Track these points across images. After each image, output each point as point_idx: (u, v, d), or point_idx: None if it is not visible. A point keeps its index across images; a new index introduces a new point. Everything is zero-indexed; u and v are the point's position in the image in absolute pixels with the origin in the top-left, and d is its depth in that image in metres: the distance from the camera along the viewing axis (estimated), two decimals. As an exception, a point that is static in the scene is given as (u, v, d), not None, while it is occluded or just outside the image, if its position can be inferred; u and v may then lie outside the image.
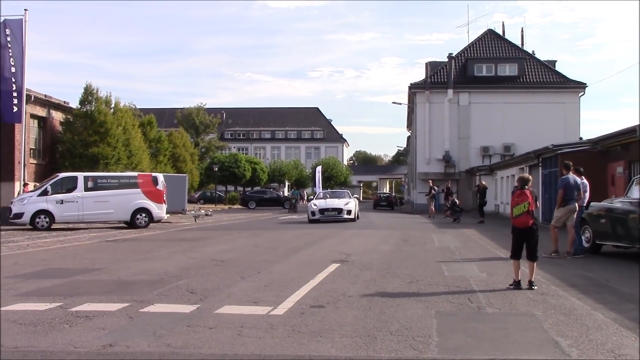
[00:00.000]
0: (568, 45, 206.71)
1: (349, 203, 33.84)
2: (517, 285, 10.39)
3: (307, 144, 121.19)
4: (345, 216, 32.78)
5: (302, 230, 26.62)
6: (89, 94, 41.43)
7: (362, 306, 8.74)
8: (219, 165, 70.43)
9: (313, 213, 33.16)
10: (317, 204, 34.04)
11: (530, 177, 10.98)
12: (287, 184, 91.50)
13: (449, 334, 7.13)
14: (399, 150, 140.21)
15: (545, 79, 56.46)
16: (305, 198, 78.66)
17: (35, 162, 37.97)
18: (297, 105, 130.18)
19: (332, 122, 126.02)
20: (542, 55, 67.07)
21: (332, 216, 32.77)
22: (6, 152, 35.15)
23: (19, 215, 27.23)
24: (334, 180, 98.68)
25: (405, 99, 69.84)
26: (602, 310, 8.62)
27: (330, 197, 36.33)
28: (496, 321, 7.86)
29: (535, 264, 10.55)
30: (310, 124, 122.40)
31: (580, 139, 43.86)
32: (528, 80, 56.38)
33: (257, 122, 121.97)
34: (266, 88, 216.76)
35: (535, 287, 10.31)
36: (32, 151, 37.65)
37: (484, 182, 35.40)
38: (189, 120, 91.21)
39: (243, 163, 75.06)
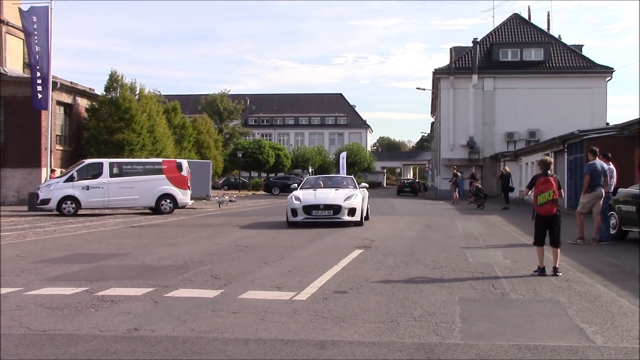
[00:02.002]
0: (596, 29, 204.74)
1: (353, 197, 20.88)
2: (541, 271, 10.33)
3: (331, 130, 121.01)
4: (346, 217, 20.42)
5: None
6: (114, 81, 41.70)
7: (386, 292, 8.74)
8: (243, 152, 70.55)
9: (294, 212, 20.55)
10: (302, 197, 20.95)
11: (552, 161, 10.84)
12: (310, 170, 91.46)
13: (473, 320, 7.11)
14: (423, 136, 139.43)
15: (571, 63, 55.88)
16: None
17: (61, 148, 38.29)
18: (321, 92, 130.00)
19: (355, 108, 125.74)
20: (568, 40, 66.80)
21: (325, 217, 20.45)
22: (33, 138, 35.47)
23: (46, 201, 27.48)
24: (357, 167, 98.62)
25: (429, 85, 69.54)
26: (628, 297, 8.55)
27: (323, 187, 22.99)
28: (520, 307, 7.83)
29: (559, 250, 10.48)
30: (334, 110, 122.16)
31: (607, 124, 43.50)
32: (554, 65, 55.83)
33: (281, 108, 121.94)
34: (290, 74, 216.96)
35: (560, 274, 10.25)
36: (58, 137, 37.97)
37: (507, 168, 35.18)
38: (213, 107, 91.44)
39: (267, 149, 75.13)
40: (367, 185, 24.93)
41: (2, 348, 5.86)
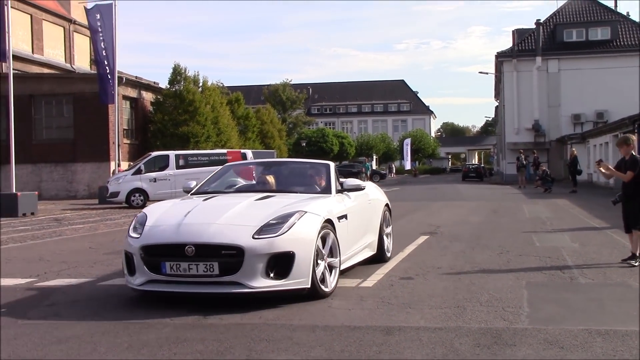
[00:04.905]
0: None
1: (294, 220, 7.31)
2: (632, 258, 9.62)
3: (394, 116, 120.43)
4: (261, 282, 6.97)
5: (392, 202, 26.52)
6: (177, 74, 42.30)
7: (452, 277, 8.72)
8: (307, 140, 70.81)
9: (129, 263, 7.55)
10: (156, 220, 7.69)
11: (633, 137, 10.08)
12: (374, 157, 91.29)
13: (540, 305, 7.04)
14: (487, 120, 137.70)
15: (640, 41, 54.31)
16: (370, 172, 62.74)
17: (128, 142, 39.08)
18: (382, 79, 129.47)
19: (418, 95, 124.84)
20: (637, 17, 64.55)
21: (198, 278, 7.01)
22: (101, 133, 36.29)
23: (115, 194, 28.12)
24: (421, 153, 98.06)
25: (492, 69, 68.53)
26: (703, 279, 8.34)
27: (252, 189, 9.23)
28: (589, 292, 7.72)
29: None
30: (396, 96, 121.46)
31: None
32: (622, 43, 54.34)
33: (344, 96, 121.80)
34: (352, 62, 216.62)
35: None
36: (125, 131, 38.75)
37: (574, 150, 34.46)
38: (276, 97, 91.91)
39: (330, 137, 75.28)
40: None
41: (79, 335, 6.05)
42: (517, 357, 5.10)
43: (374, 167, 77.31)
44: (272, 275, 7.04)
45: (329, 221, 7.76)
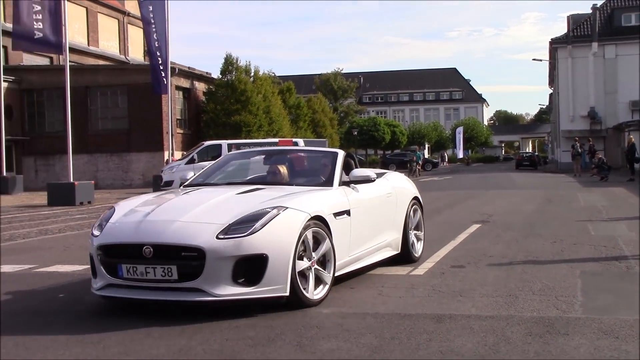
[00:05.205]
0: None
1: (265, 218, 6.22)
2: None
3: (446, 105, 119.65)
4: (228, 289, 5.99)
5: (444, 191, 26.43)
6: (229, 64, 42.66)
7: (504, 266, 8.63)
8: (358, 129, 70.72)
9: (92, 265, 6.69)
10: (119, 216, 6.82)
11: None
12: (427, 146, 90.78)
13: (595, 294, 6.93)
14: (541, 108, 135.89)
15: (702, 24, 52.76)
16: (422, 161, 58.67)
17: (181, 131, 39.59)
18: (434, 67, 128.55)
19: (470, 82, 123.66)
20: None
21: (157, 283, 6.09)
22: (155, 123, 36.80)
23: (169, 183, 28.43)
24: (474, 141, 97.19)
25: (546, 56, 67.45)
26: None
27: (221, 186, 7.86)
28: (646, 281, 7.56)
29: None
30: (448, 85, 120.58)
31: None
32: (682, 27, 52.90)
33: (395, 85, 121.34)
34: (403, 51, 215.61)
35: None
36: (178, 121, 39.26)
37: (632, 138, 33.74)
38: (327, 86, 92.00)
39: (382, 126, 75.08)
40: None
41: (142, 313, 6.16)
42: (570, 346, 5.03)
43: (426, 155, 76.82)
44: (240, 281, 6.04)
45: (318, 218, 6.66)
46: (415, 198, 9.36)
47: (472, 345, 5.09)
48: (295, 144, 30.10)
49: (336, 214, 7.06)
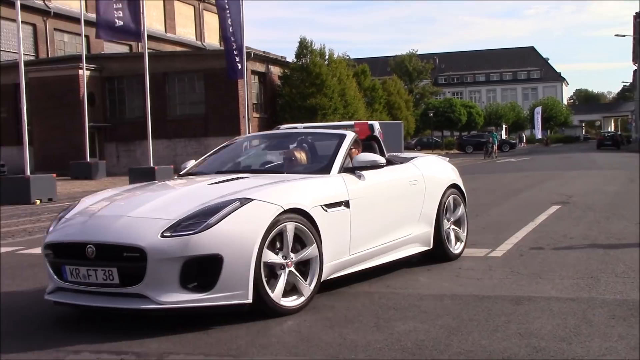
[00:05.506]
0: None
1: (225, 212, 5.28)
2: None
3: (524, 85, 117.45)
4: (175, 295, 5.08)
5: (522, 172, 26.03)
6: (304, 47, 42.83)
7: (585, 248, 8.45)
8: (434, 111, 70.15)
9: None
10: (75, 212, 5.99)
11: None
12: (504, 127, 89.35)
13: (681, 276, 6.74)
14: (624, 86, 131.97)
15: None
16: (499, 142, 57.47)
17: (257, 116, 39.99)
18: (510, 46, 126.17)
19: (549, 61, 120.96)
20: None
21: (100, 287, 5.25)
22: (231, 108, 37.26)
23: (247, 167, 28.82)
24: (553, 121, 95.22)
25: (630, 31, 65.40)
26: None
27: (204, 175, 6.89)
28: None
29: None
30: (525, 64, 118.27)
31: None
32: None
33: (471, 65, 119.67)
34: (479, 30, 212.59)
35: None
36: (254, 106, 39.66)
37: None
38: (402, 68, 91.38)
39: (458, 107, 74.25)
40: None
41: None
42: (655, 328, 4.91)
43: (504, 136, 75.65)
44: (191, 286, 5.14)
45: (298, 211, 5.63)
46: (454, 186, 8.01)
47: (551, 327, 5.02)
48: (371, 126, 30.00)
49: (328, 206, 6.01)
